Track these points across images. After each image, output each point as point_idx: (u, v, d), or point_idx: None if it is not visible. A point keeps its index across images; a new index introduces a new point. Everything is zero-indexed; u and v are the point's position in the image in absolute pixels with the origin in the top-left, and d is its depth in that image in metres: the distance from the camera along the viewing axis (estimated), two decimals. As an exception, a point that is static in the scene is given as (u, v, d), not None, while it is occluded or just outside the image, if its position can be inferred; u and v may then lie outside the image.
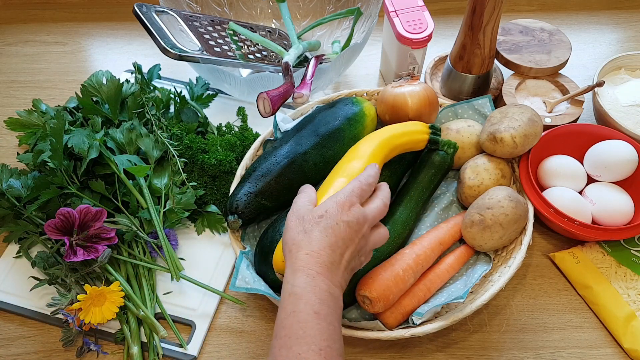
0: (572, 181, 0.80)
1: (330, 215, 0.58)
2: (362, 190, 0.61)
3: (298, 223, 0.59)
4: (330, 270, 0.56)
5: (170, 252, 0.75)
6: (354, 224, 0.58)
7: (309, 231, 0.57)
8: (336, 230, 0.57)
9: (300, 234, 0.57)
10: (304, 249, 0.56)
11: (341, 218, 0.58)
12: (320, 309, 0.53)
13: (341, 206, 0.58)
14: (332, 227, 0.57)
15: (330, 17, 0.99)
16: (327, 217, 0.58)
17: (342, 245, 0.57)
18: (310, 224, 0.58)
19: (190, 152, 0.82)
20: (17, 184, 0.77)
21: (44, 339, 0.73)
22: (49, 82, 1.03)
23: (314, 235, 0.57)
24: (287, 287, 0.55)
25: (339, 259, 0.57)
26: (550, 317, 0.75)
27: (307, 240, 0.57)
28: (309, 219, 0.58)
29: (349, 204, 0.59)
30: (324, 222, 0.57)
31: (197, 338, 0.73)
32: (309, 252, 0.56)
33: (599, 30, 1.10)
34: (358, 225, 0.58)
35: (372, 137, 0.74)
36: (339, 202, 0.59)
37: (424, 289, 0.72)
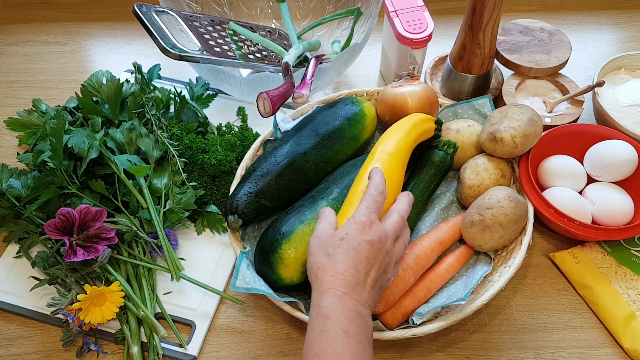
0: (572, 181, 0.80)
1: (352, 237, 0.58)
2: (376, 203, 0.61)
3: (320, 247, 0.59)
4: (356, 290, 0.56)
5: (170, 252, 0.75)
6: (376, 242, 0.59)
7: (332, 254, 0.58)
8: (359, 251, 0.58)
9: (324, 257, 0.58)
10: (329, 271, 0.57)
11: (362, 238, 0.58)
12: (348, 327, 0.53)
13: (361, 226, 0.59)
14: (355, 248, 0.58)
15: (330, 17, 0.99)
16: (348, 239, 0.58)
17: (367, 265, 0.58)
18: (333, 247, 0.58)
19: (190, 152, 0.82)
20: (17, 184, 0.77)
21: (44, 339, 0.73)
22: (49, 82, 1.03)
23: (337, 257, 0.57)
24: (315, 308, 0.56)
25: (364, 278, 0.57)
26: (550, 317, 0.75)
27: (331, 263, 0.57)
28: (331, 243, 0.59)
29: (369, 222, 0.59)
30: (345, 244, 0.58)
31: (197, 338, 0.73)
32: (334, 275, 0.56)
33: (599, 30, 1.10)
34: (380, 242, 0.59)
35: (395, 131, 0.75)
36: (358, 222, 0.59)
37: (424, 289, 0.72)
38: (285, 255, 0.69)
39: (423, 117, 0.78)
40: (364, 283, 0.57)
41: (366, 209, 0.60)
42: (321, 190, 0.76)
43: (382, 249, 0.59)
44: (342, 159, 0.81)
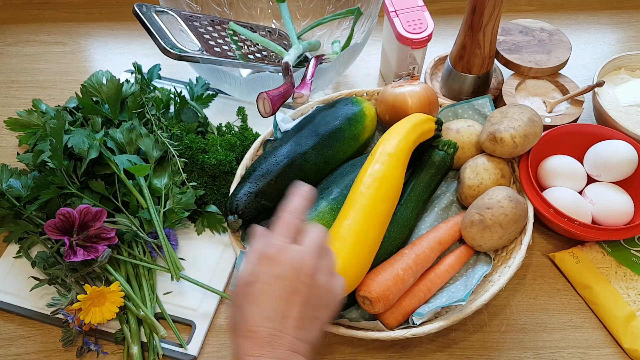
0: (572, 181, 0.80)
1: (260, 278, 0.50)
2: (288, 226, 0.53)
3: (234, 299, 0.52)
4: (273, 344, 0.48)
5: (170, 252, 0.75)
6: (289, 273, 0.50)
7: (241, 307, 0.50)
8: (269, 294, 0.50)
9: (236, 312, 0.51)
10: (241, 331, 0.50)
11: (271, 274, 0.50)
12: None
13: (269, 260, 0.51)
14: (264, 292, 0.50)
15: (330, 17, 0.99)
16: (256, 282, 0.50)
17: (282, 306, 0.50)
18: (242, 297, 0.51)
19: (190, 152, 0.82)
20: (17, 184, 0.77)
21: (44, 339, 0.73)
22: (49, 82, 1.03)
23: (246, 310, 0.50)
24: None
25: (280, 325, 0.49)
26: (550, 317, 0.75)
27: (242, 320, 0.50)
28: (240, 291, 0.51)
29: (277, 252, 0.51)
30: (254, 290, 0.50)
31: (197, 338, 0.73)
32: (245, 334, 0.49)
33: (599, 30, 1.10)
34: (294, 270, 0.51)
35: (395, 131, 0.75)
36: (266, 256, 0.51)
37: (424, 289, 0.72)
38: (285, 255, 0.69)
39: (423, 117, 0.78)
40: (283, 329, 0.49)
41: (276, 237, 0.52)
42: (321, 190, 0.76)
43: (300, 276, 0.50)
44: (342, 159, 0.81)
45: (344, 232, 0.67)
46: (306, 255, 0.52)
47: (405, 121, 0.77)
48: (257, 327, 0.49)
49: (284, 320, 0.49)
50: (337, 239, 0.66)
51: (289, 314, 0.50)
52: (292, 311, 0.50)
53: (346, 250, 0.65)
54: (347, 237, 0.66)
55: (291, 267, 0.51)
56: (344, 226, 0.67)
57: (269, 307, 0.49)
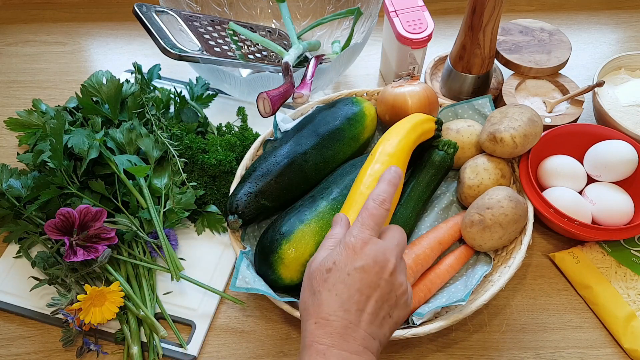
0: (572, 181, 0.80)
1: (340, 267, 0.49)
2: (373, 217, 0.52)
3: (309, 282, 0.51)
4: (345, 337, 0.47)
5: (170, 252, 0.75)
6: (371, 266, 0.49)
7: (317, 292, 0.49)
8: (348, 284, 0.48)
9: (310, 296, 0.50)
10: (313, 316, 0.49)
11: (353, 265, 0.49)
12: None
13: (352, 251, 0.50)
14: (343, 281, 0.48)
15: (330, 17, 0.99)
16: (335, 270, 0.49)
17: (360, 298, 0.48)
18: (319, 283, 0.49)
19: (190, 152, 0.82)
20: (17, 184, 0.77)
21: (44, 339, 0.73)
22: (49, 82, 1.03)
23: (322, 297, 0.49)
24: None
25: (356, 317, 0.48)
26: (550, 317, 0.75)
27: (316, 305, 0.49)
28: (317, 276, 0.50)
29: (361, 243, 0.50)
30: (332, 278, 0.49)
31: (197, 338, 0.73)
32: (317, 321, 0.48)
33: (599, 30, 1.10)
34: (377, 265, 0.49)
35: (395, 131, 0.75)
36: (348, 246, 0.50)
37: (424, 290, 0.72)
38: (285, 255, 0.69)
39: (423, 117, 0.78)
40: (358, 322, 0.48)
41: (359, 227, 0.51)
42: (321, 190, 0.76)
43: (383, 272, 0.49)
44: (342, 159, 0.81)
45: None
46: (390, 251, 0.51)
47: (405, 121, 0.77)
48: (332, 316, 0.48)
49: (359, 313, 0.48)
50: None
51: (365, 308, 0.49)
52: (369, 306, 0.49)
53: (346, 250, 0.65)
54: None
55: (374, 261, 0.49)
56: (344, 226, 0.67)
57: (346, 297, 0.48)
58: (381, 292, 0.49)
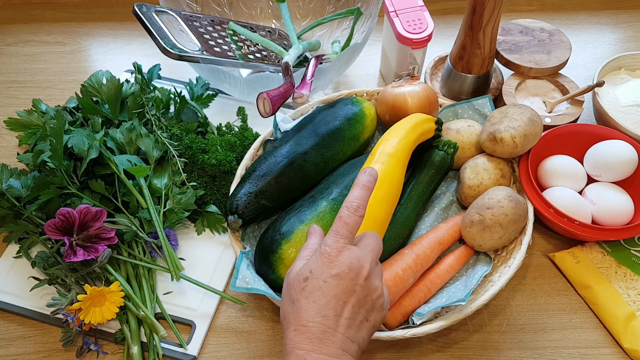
0: (572, 181, 0.80)
1: (316, 275, 0.51)
2: (347, 226, 0.53)
3: (287, 292, 0.52)
4: (324, 341, 0.49)
5: (170, 252, 0.75)
6: (346, 272, 0.51)
7: (296, 300, 0.51)
8: (325, 290, 0.50)
9: (289, 305, 0.51)
10: (292, 324, 0.50)
11: (329, 273, 0.51)
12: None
13: (327, 258, 0.51)
14: (320, 288, 0.50)
15: (330, 17, 0.99)
16: (312, 278, 0.51)
17: (337, 304, 0.50)
18: (296, 291, 0.51)
19: (190, 152, 0.82)
20: (17, 184, 0.77)
21: (44, 339, 0.73)
22: (49, 82, 1.03)
23: (300, 305, 0.50)
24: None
25: (333, 322, 0.50)
26: (550, 317, 0.75)
27: (295, 313, 0.50)
28: (295, 285, 0.52)
29: (336, 251, 0.51)
30: (309, 286, 0.51)
31: (197, 338, 0.73)
32: (297, 328, 0.50)
33: (599, 30, 1.10)
34: (352, 271, 0.51)
35: (395, 131, 0.74)
36: (323, 254, 0.52)
37: (424, 290, 0.72)
38: (285, 255, 0.69)
39: (423, 117, 0.78)
40: (336, 327, 0.49)
41: (333, 236, 0.52)
42: (321, 190, 0.76)
43: (358, 277, 0.51)
44: (342, 159, 0.81)
45: None
46: (364, 258, 0.52)
47: (405, 121, 0.77)
48: (310, 322, 0.49)
49: (336, 318, 0.50)
50: None
51: (342, 313, 0.50)
52: (346, 311, 0.50)
53: (346, 250, 0.65)
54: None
55: (349, 268, 0.51)
56: (344, 226, 0.67)
57: (324, 303, 0.50)
58: (357, 297, 0.51)
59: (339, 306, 0.50)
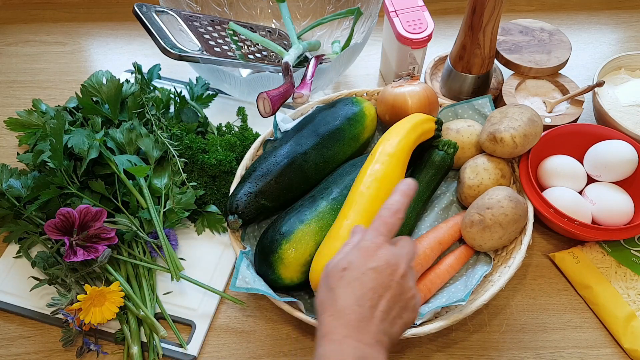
0: (572, 181, 0.80)
1: (355, 266, 0.52)
2: (386, 225, 0.55)
3: (325, 281, 0.54)
4: (359, 329, 0.50)
5: (170, 252, 0.75)
6: (384, 267, 0.52)
7: (333, 288, 0.52)
8: (363, 281, 0.52)
9: (326, 292, 0.53)
10: (328, 310, 0.51)
11: (367, 266, 0.52)
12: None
13: (365, 252, 0.53)
14: (358, 279, 0.52)
15: (330, 17, 0.99)
16: (350, 269, 0.52)
17: (373, 296, 0.51)
18: (335, 280, 0.52)
19: (190, 152, 0.82)
20: (17, 184, 0.77)
21: (44, 339, 0.73)
22: (49, 82, 1.03)
23: (338, 292, 0.52)
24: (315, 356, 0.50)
25: (369, 313, 0.51)
26: (550, 317, 0.75)
27: (332, 300, 0.52)
28: (334, 274, 0.53)
29: (374, 247, 0.54)
30: (347, 276, 0.52)
31: (197, 338, 0.73)
32: (333, 313, 0.51)
33: (599, 30, 1.10)
34: (389, 267, 0.53)
35: (395, 131, 0.75)
36: (362, 248, 0.54)
37: (424, 290, 0.72)
38: (285, 255, 0.69)
39: (423, 117, 0.78)
40: (370, 317, 0.51)
41: (373, 233, 0.55)
42: (321, 190, 0.76)
43: (394, 274, 0.53)
44: (342, 159, 0.81)
45: (344, 232, 0.67)
46: (401, 257, 0.54)
47: (405, 121, 0.77)
48: (347, 310, 0.50)
49: (372, 309, 0.51)
50: (337, 239, 0.66)
51: (378, 306, 0.51)
52: (381, 304, 0.51)
53: (346, 250, 0.65)
54: (347, 237, 0.66)
55: (387, 263, 0.53)
56: (344, 226, 0.67)
57: (361, 294, 0.51)
58: (392, 292, 0.52)
59: (375, 298, 0.51)
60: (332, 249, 0.66)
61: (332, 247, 0.66)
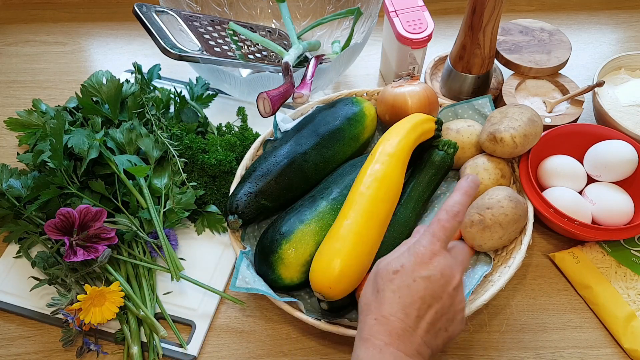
0: (572, 181, 0.80)
1: (406, 271, 0.50)
2: (445, 230, 0.52)
3: (373, 280, 0.52)
4: (402, 338, 0.48)
5: (170, 252, 0.75)
6: (437, 278, 0.50)
7: (381, 290, 0.51)
8: (412, 289, 0.50)
9: (372, 294, 0.51)
10: (373, 312, 0.50)
11: (419, 273, 0.50)
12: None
13: (420, 258, 0.51)
14: (408, 286, 0.50)
15: (330, 17, 0.99)
16: (402, 274, 0.51)
17: (421, 306, 0.50)
18: (384, 282, 0.51)
19: (190, 152, 0.82)
20: (17, 184, 0.77)
21: (44, 339, 0.73)
22: (49, 82, 1.03)
23: (385, 296, 0.50)
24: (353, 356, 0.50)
25: (414, 322, 0.49)
26: (550, 317, 0.75)
27: (378, 303, 0.50)
28: (383, 275, 0.52)
29: (430, 254, 0.51)
30: (398, 280, 0.50)
31: (197, 338, 0.73)
32: (377, 317, 0.49)
33: (599, 30, 1.10)
34: (443, 278, 0.51)
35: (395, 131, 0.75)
36: (417, 253, 0.51)
37: (424, 289, 0.72)
38: (285, 255, 0.69)
39: (423, 117, 0.78)
40: (415, 328, 0.49)
41: (430, 238, 0.52)
42: (321, 190, 0.76)
43: (448, 285, 0.51)
44: (342, 159, 0.81)
45: (344, 232, 0.67)
46: (456, 267, 0.52)
47: (405, 121, 0.77)
48: (392, 316, 0.49)
49: (418, 320, 0.49)
50: (337, 239, 0.66)
51: (425, 317, 0.50)
52: (428, 315, 0.50)
53: (346, 251, 0.65)
54: (347, 237, 0.66)
55: (441, 273, 0.51)
56: (344, 226, 0.67)
57: (409, 302, 0.49)
58: (442, 304, 0.51)
59: (423, 308, 0.50)
60: (332, 249, 0.66)
61: (332, 246, 0.66)
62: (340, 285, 0.65)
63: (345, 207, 0.69)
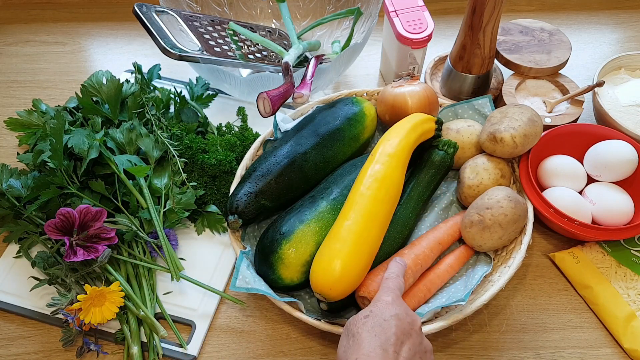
0: (572, 181, 0.80)
1: (376, 314, 0.55)
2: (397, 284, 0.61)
3: (346, 330, 0.56)
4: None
5: (170, 252, 0.75)
6: (404, 315, 0.55)
7: (357, 333, 0.53)
8: (385, 327, 0.53)
9: (348, 340, 0.54)
10: (354, 354, 0.52)
11: (388, 313, 0.55)
12: None
13: (384, 303, 0.56)
14: (381, 325, 0.53)
15: (330, 17, 0.99)
16: (372, 317, 0.54)
17: (396, 342, 0.52)
18: (357, 326, 0.54)
19: (190, 152, 0.82)
20: (17, 184, 0.77)
21: (44, 339, 0.73)
22: (49, 82, 1.03)
23: (362, 336, 0.53)
24: None
25: (394, 358, 0.51)
26: (550, 317, 0.75)
27: (356, 345, 0.52)
28: (356, 322, 0.55)
29: (391, 299, 0.57)
30: (370, 322, 0.54)
31: (197, 338, 0.73)
32: (358, 357, 0.51)
33: (599, 30, 1.10)
34: (409, 316, 0.55)
35: (395, 132, 0.75)
36: (381, 300, 0.57)
37: (424, 290, 0.72)
38: (285, 255, 0.69)
39: (423, 117, 0.78)
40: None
41: (387, 290, 0.59)
42: (321, 190, 0.76)
43: (414, 324, 0.55)
44: (342, 159, 0.81)
45: (345, 232, 0.67)
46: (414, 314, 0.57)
47: (405, 121, 0.77)
48: (372, 353, 0.51)
49: (396, 355, 0.52)
50: (337, 240, 0.66)
51: (401, 352, 0.52)
52: (404, 351, 0.53)
53: (347, 251, 0.65)
54: (347, 237, 0.66)
55: (406, 312, 0.56)
56: (345, 227, 0.67)
57: (385, 339, 0.52)
58: (413, 342, 0.54)
59: (398, 344, 0.53)
60: (333, 249, 0.66)
61: (333, 247, 0.66)
62: (341, 286, 0.65)
63: (346, 207, 0.69)
